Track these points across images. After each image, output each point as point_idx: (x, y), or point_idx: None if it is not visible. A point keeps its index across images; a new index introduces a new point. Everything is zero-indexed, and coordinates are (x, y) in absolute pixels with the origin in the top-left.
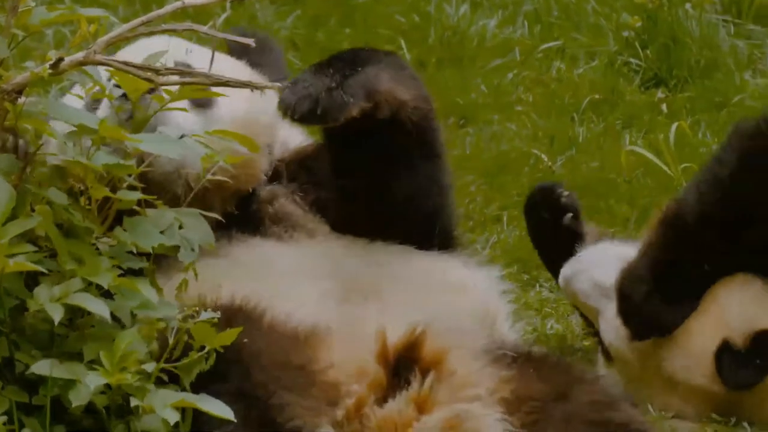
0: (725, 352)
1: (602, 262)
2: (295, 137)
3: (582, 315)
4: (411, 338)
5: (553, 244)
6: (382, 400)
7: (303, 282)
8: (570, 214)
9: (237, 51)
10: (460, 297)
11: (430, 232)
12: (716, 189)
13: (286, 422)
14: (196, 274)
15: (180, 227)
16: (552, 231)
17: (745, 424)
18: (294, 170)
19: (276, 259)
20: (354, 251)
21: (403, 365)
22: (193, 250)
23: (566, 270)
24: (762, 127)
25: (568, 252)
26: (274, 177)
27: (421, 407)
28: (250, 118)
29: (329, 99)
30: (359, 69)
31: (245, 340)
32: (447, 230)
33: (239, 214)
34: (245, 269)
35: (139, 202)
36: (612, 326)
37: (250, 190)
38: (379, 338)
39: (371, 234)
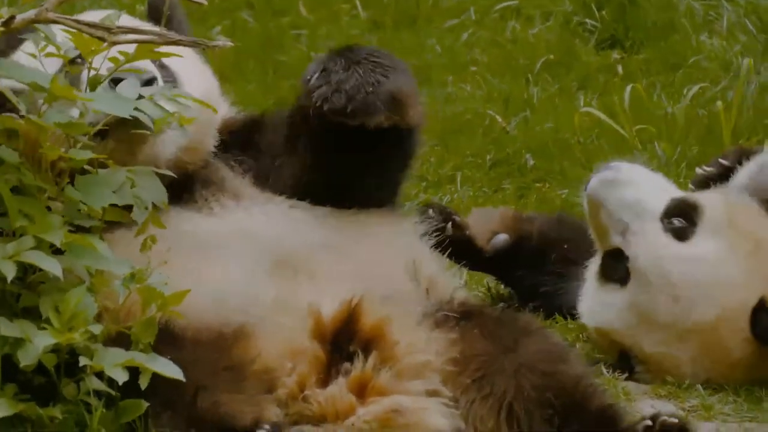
0: (762, 312)
1: (642, 182)
2: (222, 110)
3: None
4: (347, 311)
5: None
6: (324, 379)
7: (230, 259)
8: (449, 224)
9: (153, 17)
10: (391, 256)
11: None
12: None
13: (219, 418)
14: (154, 240)
15: (132, 186)
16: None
17: (699, 386)
18: (228, 140)
19: (203, 233)
20: (279, 217)
21: (343, 339)
22: (146, 208)
23: (607, 174)
24: None
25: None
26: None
27: (363, 391)
28: (209, 97)
29: (364, 101)
30: (388, 76)
31: (169, 358)
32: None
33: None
34: (174, 243)
35: (92, 162)
36: (644, 246)
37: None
38: (313, 315)
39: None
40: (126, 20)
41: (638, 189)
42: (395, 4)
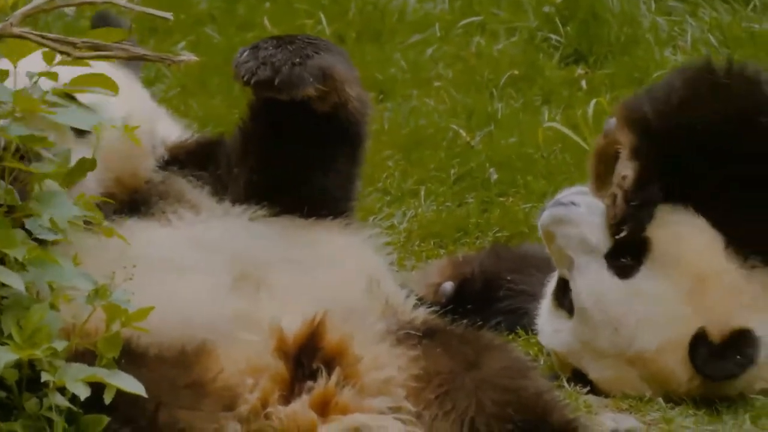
0: (700, 343)
1: (592, 219)
2: (172, 132)
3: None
4: (311, 328)
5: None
6: (287, 396)
7: (192, 273)
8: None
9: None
10: (351, 271)
11: (327, 214)
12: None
13: None
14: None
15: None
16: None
17: (660, 399)
18: (183, 160)
19: (162, 245)
20: (239, 230)
21: (306, 356)
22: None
23: (559, 211)
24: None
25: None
26: (166, 166)
27: (325, 409)
28: (133, 117)
29: (290, 73)
30: (320, 53)
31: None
32: (345, 209)
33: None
34: (133, 258)
35: None
36: (587, 282)
37: (139, 186)
38: (276, 332)
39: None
40: None
41: (586, 227)
42: (360, 18)
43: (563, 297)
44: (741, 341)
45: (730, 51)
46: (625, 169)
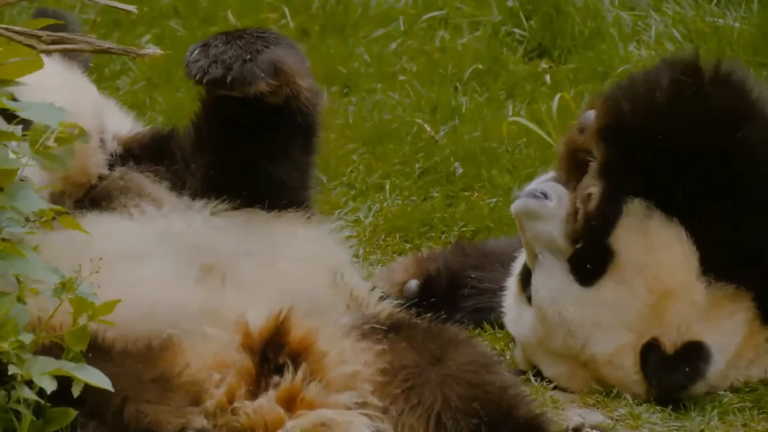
0: (651, 352)
1: (562, 212)
2: (124, 126)
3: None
4: (276, 323)
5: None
6: (254, 392)
7: (157, 267)
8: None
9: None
10: (314, 264)
11: (287, 204)
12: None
13: (144, 427)
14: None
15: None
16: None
17: (627, 395)
18: (138, 154)
19: (126, 239)
20: (200, 225)
21: (272, 351)
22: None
23: (529, 203)
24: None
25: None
26: (122, 161)
27: (292, 404)
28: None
29: (241, 70)
30: (270, 47)
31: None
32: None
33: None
34: (96, 252)
35: None
36: (546, 281)
37: (92, 182)
38: (241, 328)
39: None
40: None
41: (554, 224)
42: (323, 12)
43: (526, 284)
44: (693, 354)
45: (694, 45)
46: (591, 187)
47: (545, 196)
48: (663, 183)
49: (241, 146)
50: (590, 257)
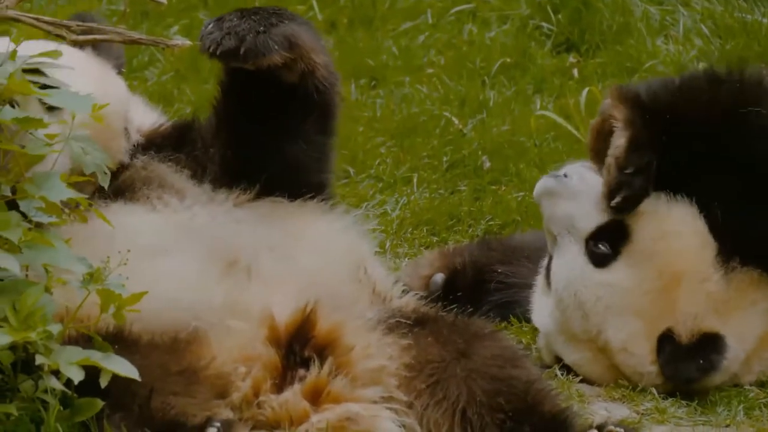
0: (667, 342)
1: (583, 197)
2: (147, 119)
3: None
4: (302, 317)
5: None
6: (279, 385)
7: (182, 259)
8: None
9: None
10: (337, 257)
11: (307, 192)
12: None
13: (170, 418)
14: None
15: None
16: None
17: (653, 389)
18: (160, 143)
19: (150, 232)
20: (223, 217)
21: (298, 344)
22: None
23: (548, 183)
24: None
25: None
26: (144, 151)
27: (317, 398)
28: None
29: (254, 41)
30: (284, 21)
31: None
32: (324, 189)
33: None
34: (122, 243)
35: None
36: (563, 263)
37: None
38: (267, 321)
39: (246, 187)
40: None
41: (574, 204)
42: (352, 5)
43: (549, 272)
44: (708, 345)
45: (722, 41)
46: (619, 139)
47: (565, 175)
48: (681, 164)
49: (258, 126)
50: (608, 234)
